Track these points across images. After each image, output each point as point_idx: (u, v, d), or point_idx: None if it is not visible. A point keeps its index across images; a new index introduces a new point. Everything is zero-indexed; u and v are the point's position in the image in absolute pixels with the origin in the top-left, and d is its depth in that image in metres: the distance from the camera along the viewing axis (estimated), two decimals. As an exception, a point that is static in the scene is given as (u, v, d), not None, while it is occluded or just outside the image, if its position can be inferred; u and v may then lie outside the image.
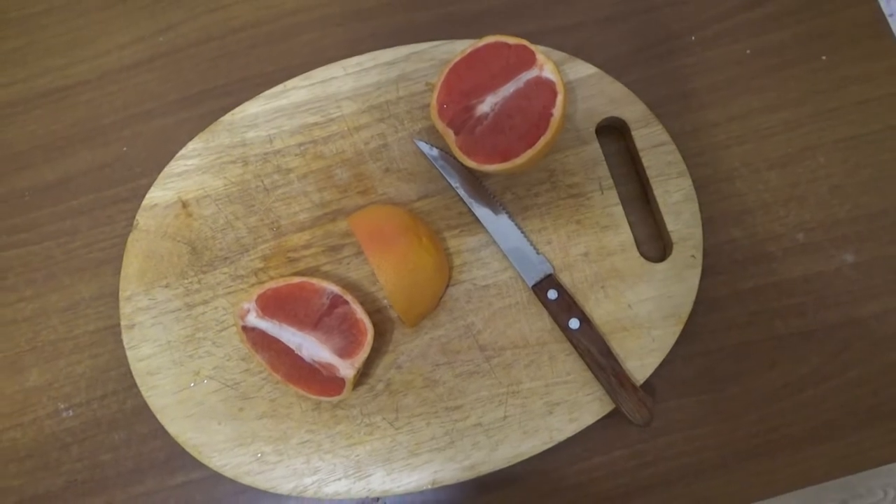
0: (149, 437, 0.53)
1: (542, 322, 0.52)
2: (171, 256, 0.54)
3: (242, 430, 0.51)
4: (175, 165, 0.55)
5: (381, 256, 0.49)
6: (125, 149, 0.58)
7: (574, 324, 0.50)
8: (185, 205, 0.55)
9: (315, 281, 0.49)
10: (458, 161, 0.52)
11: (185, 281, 0.53)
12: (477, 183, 0.54)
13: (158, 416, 0.51)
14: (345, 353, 0.47)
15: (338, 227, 0.54)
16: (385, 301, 0.53)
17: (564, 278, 0.52)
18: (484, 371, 0.51)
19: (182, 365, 0.52)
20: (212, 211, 0.55)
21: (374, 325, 0.49)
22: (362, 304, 0.49)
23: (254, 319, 0.48)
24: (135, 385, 0.52)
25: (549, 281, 0.52)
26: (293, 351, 0.48)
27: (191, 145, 0.56)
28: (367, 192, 0.55)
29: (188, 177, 0.55)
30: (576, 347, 0.50)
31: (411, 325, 0.51)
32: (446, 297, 0.53)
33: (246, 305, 0.48)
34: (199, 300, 0.53)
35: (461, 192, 0.54)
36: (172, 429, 0.51)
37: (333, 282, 0.50)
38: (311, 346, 0.48)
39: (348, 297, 0.49)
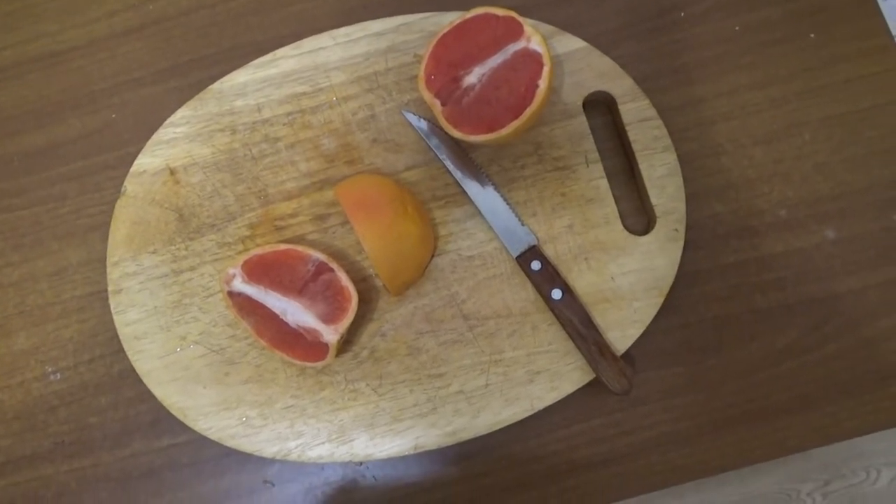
0: (135, 401, 0.53)
1: (525, 292, 0.52)
2: (159, 223, 0.54)
3: (228, 394, 0.51)
4: (163, 133, 0.56)
5: (367, 225, 0.49)
6: (114, 116, 0.59)
7: (557, 294, 0.51)
8: (172, 172, 0.55)
9: (301, 248, 0.50)
10: (445, 132, 0.52)
11: (173, 247, 0.54)
12: (463, 154, 0.54)
13: (145, 380, 0.52)
14: (329, 318, 0.48)
15: (324, 197, 0.54)
16: (370, 270, 0.53)
17: (548, 250, 0.53)
18: (467, 340, 0.52)
19: (169, 330, 0.53)
20: (199, 178, 0.55)
21: (360, 293, 0.49)
22: (348, 272, 0.50)
23: (239, 284, 0.48)
24: (121, 349, 0.53)
25: (533, 252, 0.52)
26: (278, 316, 0.48)
27: (179, 113, 0.56)
28: (354, 162, 0.55)
29: (176, 144, 0.55)
30: (558, 318, 0.51)
31: (396, 293, 0.52)
32: (431, 266, 0.53)
33: (231, 271, 0.49)
34: (186, 266, 0.53)
35: (448, 163, 0.54)
36: (158, 392, 0.52)
37: (319, 250, 0.50)
38: (296, 312, 0.48)
39: (333, 265, 0.49)
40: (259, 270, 0.49)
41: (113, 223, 0.54)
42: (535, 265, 0.52)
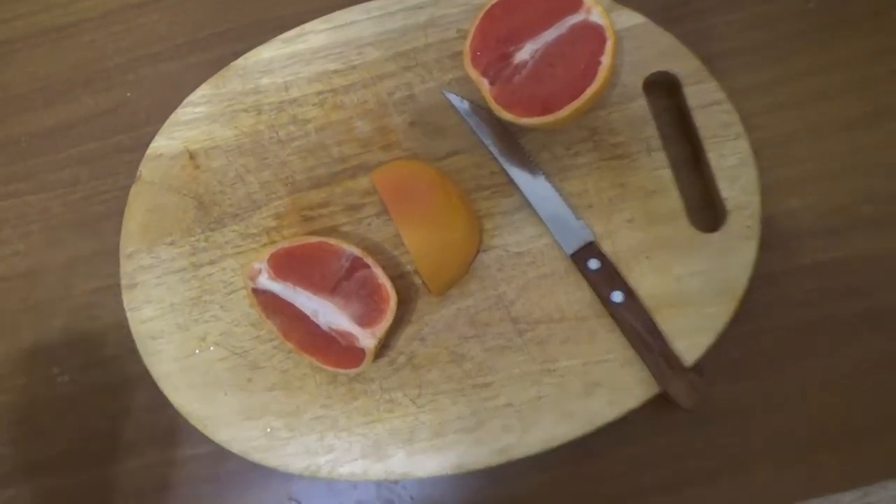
0: (150, 407, 0.49)
1: (581, 294, 0.47)
2: (177, 211, 0.49)
3: (251, 402, 0.47)
4: (182, 113, 0.51)
5: (407, 215, 0.44)
6: (129, 94, 0.54)
7: (617, 297, 0.45)
8: (192, 156, 0.50)
9: (333, 241, 0.45)
10: (493, 114, 0.47)
11: (192, 238, 0.49)
12: (512, 140, 0.49)
13: (160, 385, 0.47)
14: (365, 321, 0.43)
15: (358, 184, 0.49)
16: (409, 266, 0.48)
17: (606, 247, 0.47)
18: (516, 346, 0.46)
19: (187, 329, 0.48)
20: (221, 163, 0.50)
21: (397, 291, 0.44)
22: (384, 268, 0.45)
23: (265, 281, 0.44)
24: (135, 350, 0.48)
25: (590, 249, 0.47)
26: (308, 317, 0.43)
27: (199, 91, 0.51)
28: (390, 146, 0.50)
29: (196, 125, 0.50)
30: (618, 323, 0.46)
31: (438, 293, 0.47)
32: (476, 263, 0.48)
33: (257, 265, 0.44)
34: (206, 259, 0.49)
35: (494, 149, 0.49)
36: (175, 398, 0.47)
37: (353, 243, 0.45)
38: (328, 313, 0.43)
39: (369, 261, 0.44)
40: (287, 266, 0.44)
41: (127, 211, 0.49)
42: (593, 264, 0.46)
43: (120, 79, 0.54)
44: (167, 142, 0.50)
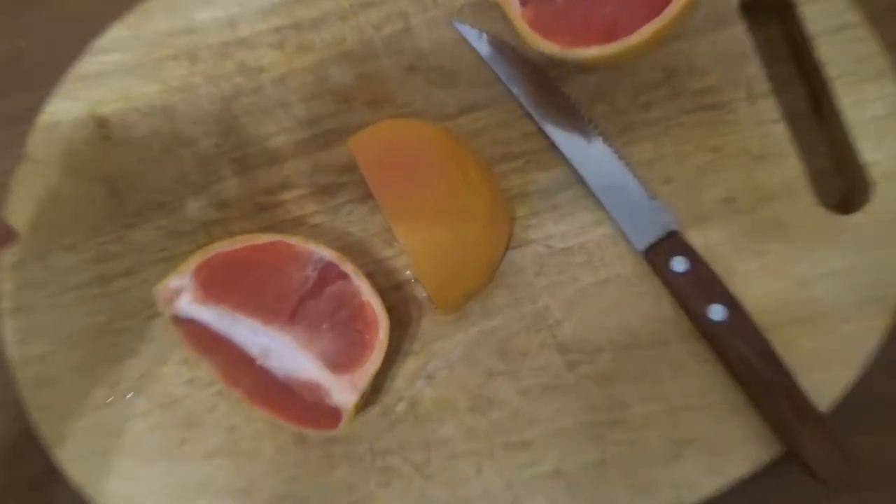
0: (38, 483, 0.34)
1: (659, 308, 0.32)
2: (80, 202, 0.35)
3: (185, 475, 0.32)
4: (87, 64, 0.36)
5: (403, 201, 0.30)
6: (23, 43, 0.40)
7: (716, 312, 0.31)
8: (101, 123, 0.36)
9: (294, 241, 0.30)
10: (524, 51, 0.32)
11: (100, 240, 0.35)
12: (552, 87, 0.34)
13: (55, 452, 0.33)
14: (341, 362, 0.29)
15: (333, 157, 0.35)
16: (407, 272, 0.33)
17: (695, 238, 0.32)
18: (566, 385, 0.32)
19: (91, 371, 0.34)
20: (142, 132, 0.36)
21: (391, 310, 0.30)
22: (370, 277, 0.30)
23: (189, 306, 0.29)
24: (19, 401, 0.34)
25: (673, 242, 0.32)
26: (254, 361, 0.29)
27: (112, 33, 0.36)
28: (379, 102, 0.35)
29: (107, 80, 0.36)
30: (718, 350, 0.31)
31: (450, 310, 0.32)
32: (505, 265, 0.33)
33: (175, 282, 0.29)
34: (120, 269, 0.34)
35: (527, 101, 0.34)
36: (75, 471, 0.33)
37: (324, 243, 0.31)
38: (285, 353, 0.29)
39: (347, 267, 0.30)
40: (224, 281, 0.29)
41: (9, 202, 0.35)
42: (678, 264, 0.31)
43: (10, 23, 0.39)
44: (67, 104, 0.36)
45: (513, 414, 0.32)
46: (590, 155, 0.33)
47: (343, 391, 0.28)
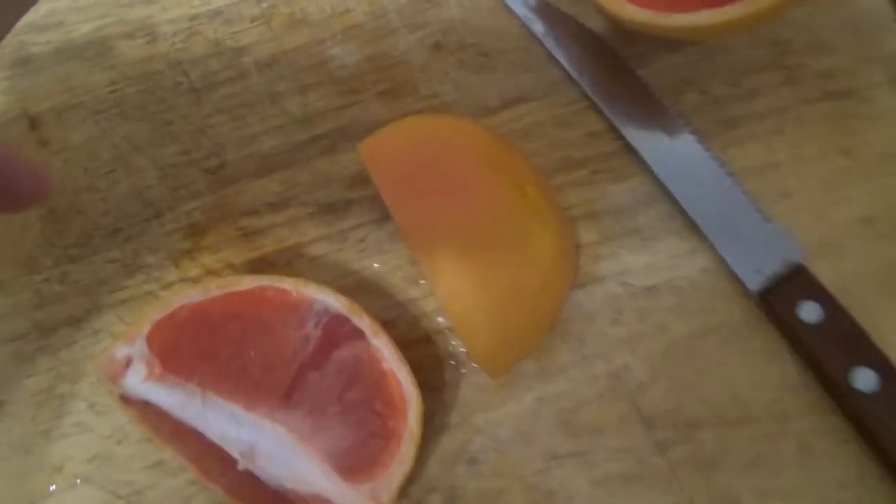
0: None
1: (780, 370, 0.24)
2: (8, 227, 0.27)
3: (150, 589, 0.25)
4: (18, 45, 0.28)
5: (433, 228, 0.22)
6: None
7: (863, 379, 0.23)
8: (34, 123, 0.27)
9: (289, 284, 0.22)
10: (590, 19, 0.24)
11: (37, 277, 0.27)
12: (626, 71, 0.26)
13: (-15, 555, 0.25)
14: (356, 464, 0.21)
15: (339, 165, 0.27)
16: (440, 319, 0.25)
17: (824, 274, 0.24)
18: (655, 474, 0.24)
19: (30, 452, 0.26)
20: (88, 134, 0.27)
21: (419, 370, 0.22)
22: (392, 326, 0.22)
23: (141, 385, 0.21)
24: (-64, 491, 0.26)
25: (800, 281, 0.24)
26: (235, 461, 0.21)
27: (47, 4, 0.28)
28: (396, 92, 0.27)
29: (42, 68, 0.28)
30: (862, 428, 0.23)
31: (500, 373, 0.24)
32: (568, 308, 0.25)
33: (122, 350, 0.21)
34: (63, 316, 0.26)
35: (592, 89, 0.26)
36: (10, 584, 0.25)
37: (329, 282, 0.23)
38: (277, 451, 0.21)
39: (363, 322, 0.22)
40: (191, 346, 0.21)
41: (-81, 230, 0.27)
42: (809, 311, 0.23)
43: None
44: (-10, 98, 0.28)
45: (583, 510, 0.24)
46: (679, 161, 0.25)
47: (361, 502, 0.20)
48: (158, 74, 0.27)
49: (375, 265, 0.26)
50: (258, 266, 0.26)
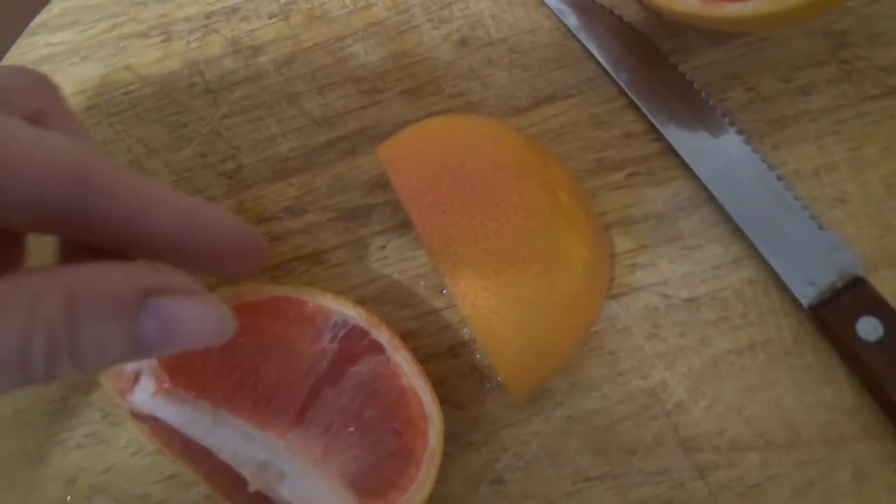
0: None
1: (834, 390, 0.22)
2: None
3: None
4: (29, 45, 0.27)
5: (458, 238, 0.20)
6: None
7: (929, 402, 0.21)
8: (49, 126, 0.27)
9: (306, 295, 0.21)
10: (629, 10, 0.22)
11: (51, 285, 0.26)
12: (667, 66, 0.24)
13: (0, 568, 0.25)
14: (374, 487, 0.19)
15: (358, 169, 0.25)
16: (465, 330, 0.24)
17: (888, 287, 0.22)
18: (694, 499, 0.22)
19: (43, 462, 0.25)
20: (102, 137, 0.27)
21: (441, 385, 0.21)
22: (413, 338, 0.21)
23: (150, 400, 0.20)
24: (-49, 501, 0.26)
25: (859, 295, 0.22)
26: (245, 480, 0.20)
27: (59, 4, 0.27)
28: (420, 91, 0.25)
29: (56, 69, 0.27)
30: (927, 456, 0.21)
31: (526, 392, 0.23)
32: (602, 321, 0.24)
33: (131, 364, 0.20)
34: (77, 326, 0.26)
35: (631, 86, 0.24)
36: None
37: (348, 291, 0.22)
38: (291, 473, 0.20)
39: (382, 336, 0.21)
40: (201, 361, 0.20)
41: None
42: (868, 327, 0.21)
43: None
44: (6, 101, 0.27)
45: (617, 538, 0.22)
46: (724, 163, 0.23)
47: None
48: (173, 75, 0.26)
49: (397, 274, 0.25)
50: (276, 274, 0.25)
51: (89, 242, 0.16)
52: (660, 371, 0.23)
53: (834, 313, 0.22)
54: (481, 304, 0.20)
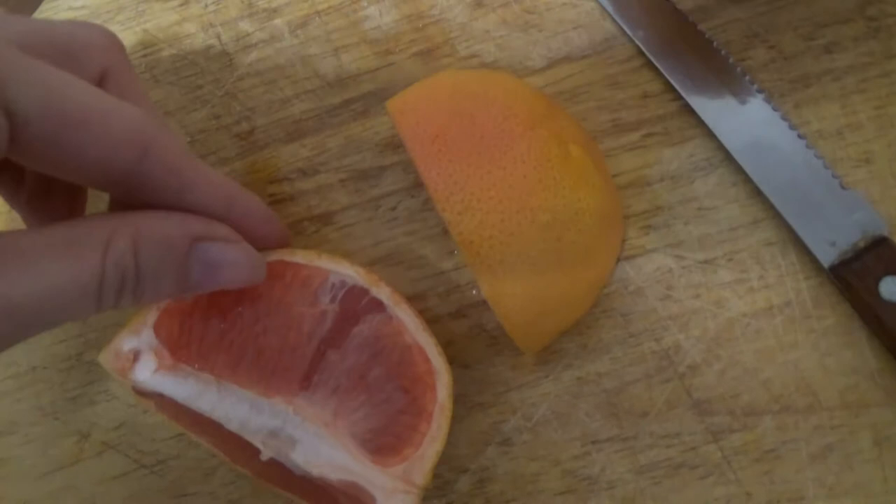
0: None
1: (855, 353, 0.21)
2: (43, 193, 0.27)
3: (173, 562, 0.24)
4: (53, 9, 0.28)
5: (468, 193, 0.20)
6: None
7: (955, 365, 0.20)
8: (69, 88, 0.27)
9: (301, 257, 0.21)
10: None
11: (68, 243, 0.26)
12: (686, 24, 0.24)
13: (15, 519, 0.25)
14: (386, 444, 0.19)
15: (370, 131, 0.25)
16: (475, 292, 0.24)
17: (911, 247, 0.21)
18: (708, 464, 0.22)
19: (57, 418, 0.25)
20: (120, 100, 0.27)
21: (451, 345, 0.21)
22: (423, 300, 0.21)
23: (152, 377, 0.20)
24: (-30, 453, 0.26)
25: (882, 254, 0.21)
26: (256, 450, 0.20)
27: (83, -32, 0.28)
28: (433, 52, 0.25)
29: (77, 31, 0.27)
30: (953, 423, 0.20)
31: (535, 348, 0.23)
32: (614, 282, 0.23)
33: (129, 343, 0.20)
34: (92, 284, 0.26)
35: (648, 45, 0.24)
36: (37, 550, 0.25)
37: (353, 255, 0.21)
38: (301, 438, 0.20)
39: (381, 292, 0.21)
40: (201, 333, 0.20)
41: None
42: (892, 288, 0.21)
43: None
44: (28, 64, 0.27)
45: (627, 502, 0.22)
46: (744, 123, 0.23)
47: (395, 492, 0.19)
48: (190, 38, 0.27)
49: (407, 235, 0.24)
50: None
51: (139, 202, 0.18)
52: (673, 333, 0.23)
53: (856, 274, 0.21)
54: (486, 254, 0.20)
